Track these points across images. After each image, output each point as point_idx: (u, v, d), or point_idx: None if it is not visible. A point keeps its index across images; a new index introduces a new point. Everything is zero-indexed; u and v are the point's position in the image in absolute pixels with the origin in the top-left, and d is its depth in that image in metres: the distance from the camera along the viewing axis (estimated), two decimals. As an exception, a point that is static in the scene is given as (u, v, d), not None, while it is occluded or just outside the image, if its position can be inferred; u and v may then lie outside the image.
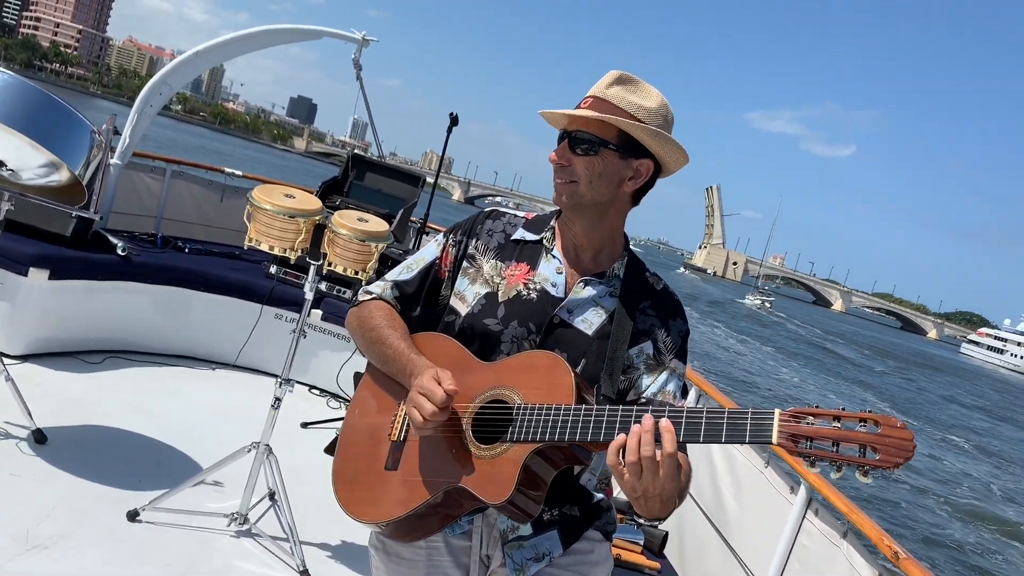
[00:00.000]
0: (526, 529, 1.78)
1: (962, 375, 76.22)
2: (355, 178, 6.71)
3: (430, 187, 7.14)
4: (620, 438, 1.45)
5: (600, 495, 1.87)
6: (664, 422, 1.43)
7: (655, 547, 3.53)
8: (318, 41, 7.10)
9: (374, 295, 1.94)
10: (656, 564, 3.39)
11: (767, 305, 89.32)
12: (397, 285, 1.94)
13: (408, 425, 1.78)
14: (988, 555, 14.75)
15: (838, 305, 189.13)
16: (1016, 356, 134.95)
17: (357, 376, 1.99)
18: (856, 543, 2.83)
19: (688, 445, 1.51)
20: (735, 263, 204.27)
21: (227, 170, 7.11)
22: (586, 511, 1.84)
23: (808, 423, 1.35)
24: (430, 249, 1.96)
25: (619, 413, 1.51)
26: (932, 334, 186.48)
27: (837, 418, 1.34)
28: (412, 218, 7.02)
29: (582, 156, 1.72)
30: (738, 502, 3.65)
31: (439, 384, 1.64)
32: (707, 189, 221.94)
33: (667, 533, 3.63)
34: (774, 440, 1.36)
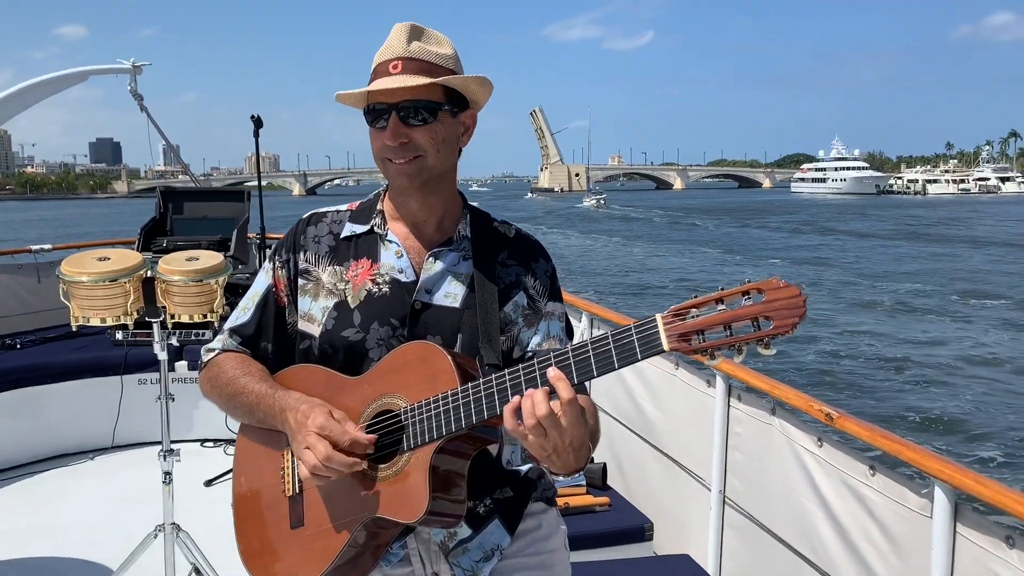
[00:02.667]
0: (465, 531, 1.66)
1: (791, 211, 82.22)
2: (174, 213, 6.28)
3: (268, 193, 6.80)
4: (514, 401, 1.36)
5: (528, 465, 1.77)
6: (552, 372, 1.34)
7: (598, 482, 3.51)
8: (99, 77, 6.58)
9: (216, 350, 1.77)
10: (604, 499, 3.36)
11: (601, 203, 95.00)
12: (236, 331, 1.76)
13: (299, 475, 1.63)
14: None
15: (678, 184, 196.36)
16: (836, 180, 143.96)
17: None
18: (787, 416, 2.86)
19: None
20: (577, 174, 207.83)
21: (34, 248, 6.51)
22: (520, 488, 1.74)
23: (693, 316, 1.27)
24: (260, 280, 1.78)
25: (507, 378, 1.41)
26: (766, 183, 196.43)
27: (720, 300, 1.27)
28: (250, 234, 6.67)
29: (421, 127, 1.58)
30: (662, 411, 3.66)
31: (331, 417, 1.49)
32: (531, 113, 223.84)
33: (604, 464, 3.61)
34: (665, 347, 1.28)
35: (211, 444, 5.33)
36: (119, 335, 5.12)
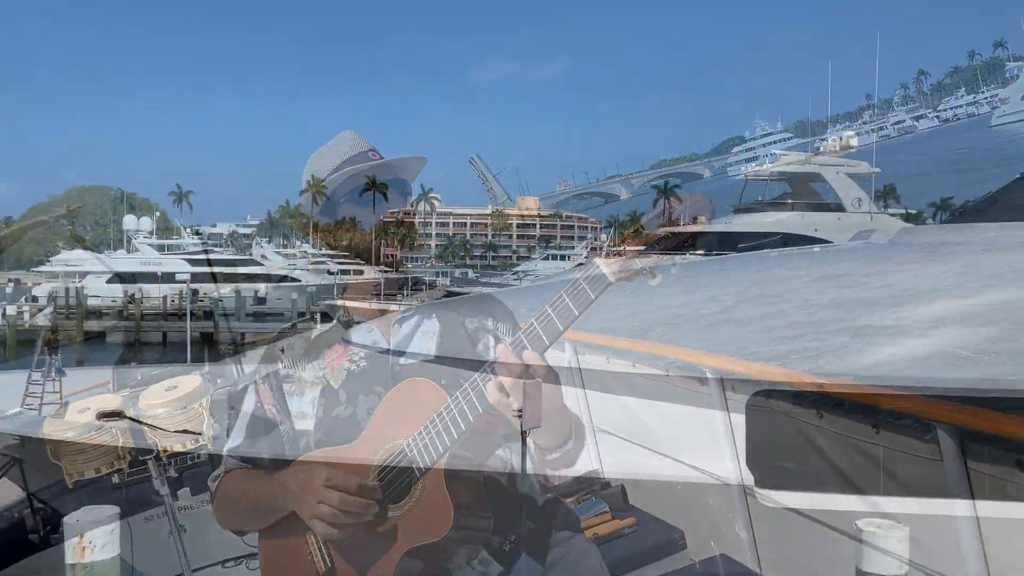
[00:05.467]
0: (495, 569, 1.68)
1: (724, 196, 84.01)
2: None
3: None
4: (496, 382, 1.47)
5: (546, 496, 1.84)
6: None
7: (620, 504, 3.51)
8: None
9: (220, 475, 1.84)
10: (631, 520, 3.36)
11: None
12: (231, 454, 1.82)
13: (325, 547, 1.66)
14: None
15: (624, 195, 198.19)
16: (766, 156, 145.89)
17: None
18: (783, 395, 2.84)
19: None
20: (529, 208, 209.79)
21: None
22: (541, 518, 1.79)
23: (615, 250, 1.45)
24: (247, 400, 1.85)
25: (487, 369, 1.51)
26: (707, 173, 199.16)
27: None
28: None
29: None
30: (664, 420, 3.63)
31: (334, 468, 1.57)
32: (469, 161, 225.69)
33: (623, 486, 3.62)
34: (609, 278, 1.41)
35: (232, 564, 5.22)
36: (115, 478, 5.03)
